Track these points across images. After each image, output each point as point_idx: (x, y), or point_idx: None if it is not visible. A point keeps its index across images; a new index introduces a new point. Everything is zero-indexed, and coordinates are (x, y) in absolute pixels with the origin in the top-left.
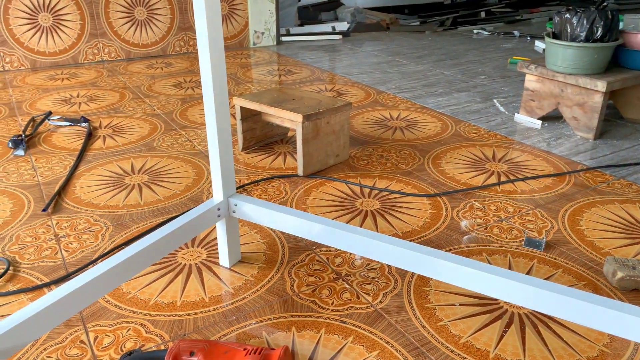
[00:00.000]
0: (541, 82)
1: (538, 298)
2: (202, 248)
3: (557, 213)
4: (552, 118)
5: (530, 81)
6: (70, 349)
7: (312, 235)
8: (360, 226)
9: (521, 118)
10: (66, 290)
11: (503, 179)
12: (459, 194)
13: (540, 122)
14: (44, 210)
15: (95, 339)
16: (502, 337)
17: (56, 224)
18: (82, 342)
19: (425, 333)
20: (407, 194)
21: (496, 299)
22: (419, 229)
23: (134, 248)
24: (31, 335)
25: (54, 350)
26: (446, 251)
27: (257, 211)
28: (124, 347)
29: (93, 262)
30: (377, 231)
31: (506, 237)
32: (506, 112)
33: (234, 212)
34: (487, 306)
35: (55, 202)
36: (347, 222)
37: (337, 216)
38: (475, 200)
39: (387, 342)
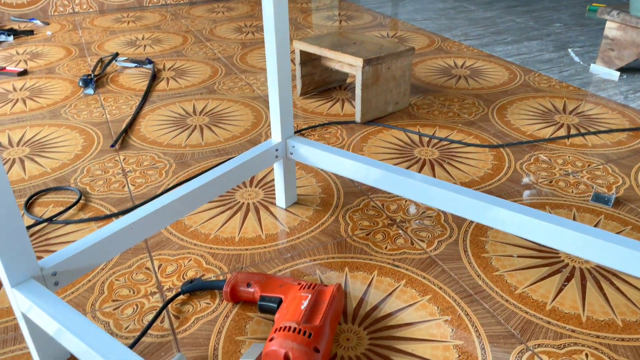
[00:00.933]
0: (623, 30)
1: (604, 251)
2: (259, 189)
3: (629, 169)
4: (632, 70)
5: (611, 29)
6: (136, 274)
7: (369, 180)
8: None
9: (597, 69)
10: (133, 218)
11: (573, 132)
12: (524, 146)
13: (618, 73)
14: (112, 146)
15: (159, 266)
16: (560, 290)
17: (123, 159)
18: (147, 268)
19: (479, 281)
20: (468, 144)
21: (557, 252)
22: (478, 180)
23: (196, 183)
24: (102, 257)
25: (122, 275)
26: None
27: (315, 153)
28: (186, 275)
29: (157, 197)
30: None
31: (572, 192)
32: (581, 63)
33: (291, 153)
34: (547, 259)
35: (123, 139)
36: None
37: (394, 164)
38: (541, 153)
39: (440, 288)
